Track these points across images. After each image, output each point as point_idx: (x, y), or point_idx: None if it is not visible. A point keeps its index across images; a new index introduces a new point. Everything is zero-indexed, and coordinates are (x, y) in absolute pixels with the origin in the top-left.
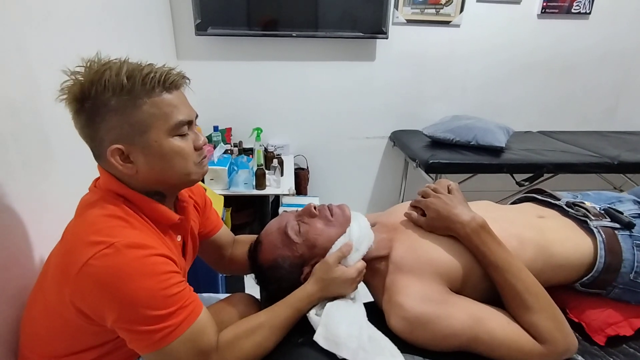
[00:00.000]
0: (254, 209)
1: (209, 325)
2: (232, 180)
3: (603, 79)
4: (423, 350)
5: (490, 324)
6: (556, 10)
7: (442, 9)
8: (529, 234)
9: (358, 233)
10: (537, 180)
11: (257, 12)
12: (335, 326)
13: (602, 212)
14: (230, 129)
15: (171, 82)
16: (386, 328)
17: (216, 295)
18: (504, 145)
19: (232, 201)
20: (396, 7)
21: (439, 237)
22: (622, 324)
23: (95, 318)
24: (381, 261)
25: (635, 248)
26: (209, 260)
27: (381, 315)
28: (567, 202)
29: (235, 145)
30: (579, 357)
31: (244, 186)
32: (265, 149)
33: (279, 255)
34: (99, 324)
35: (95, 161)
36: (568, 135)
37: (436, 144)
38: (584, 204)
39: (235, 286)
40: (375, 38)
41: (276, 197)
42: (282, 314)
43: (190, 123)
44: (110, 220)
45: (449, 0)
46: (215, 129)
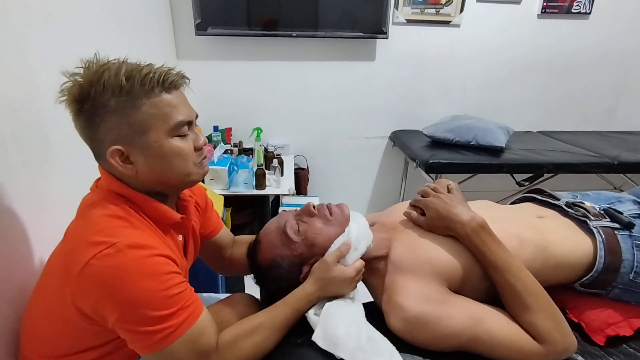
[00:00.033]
0: (254, 209)
1: (209, 326)
2: (232, 180)
3: (603, 79)
4: (423, 350)
5: (489, 324)
6: (556, 10)
7: (442, 9)
8: (529, 234)
9: (357, 232)
10: (537, 180)
11: (257, 12)
12: (334, 326)
13: (602, 212)
14: (230, 129)
15: (170, 82)
16: (386, 328)
17: (216, 295)
18: (504, 145)
19: (232, 201)
20: (396, 7)
21: (438, 237)
22: (622, 324)
23: (96, 318)
24: (380, 261)
25: (635, 248)
26: (209, 261)
27: (381, 315)
28: (567, 202)
29: (235, 145)
30: (579, 357)
31: (244, 186)
32: (265, 149)
33: (278, 254)
34: (99, 324)
35: (96, 162)
36: (568, 135)
37: (436, 144)
38: (583, 204)
39: (235, 286)
40: (375, 38)
41: (276, 197)
42: (281, 314)
43: (190, 123)
44: (111, 220)
45: (449, 0)
46: (215, 129)
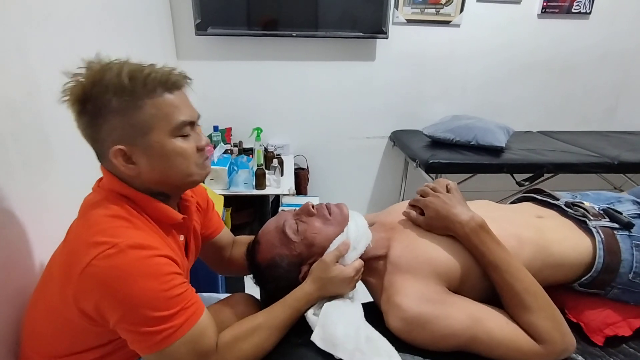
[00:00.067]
0: (254, 209)
1: (209, 327)
2: (232, 180)
3: (603, 79)
4: (422, 350)
5: (488, 324)
6: (556, 10)
7: (442, 8)
8: (528, 234)
9: (356, 232)
10: (537, 180)
11: (257, 12)
12: (332, 327)
13: (601, 212)
14: (230, 128)
15: (173, 83)
16: (385, 328)
17: (216, 295)
18: (504, 145)
19: (232, 201)
20: (396, 7)
21: (437, 237)
22: (621, 324)
23: (98, 318)
24: (379, 260)
25: (634, 248)
26: (209, 261)
27: (380, 314)
28: (566, 202)
29: (235, 145)
30: (579, 357)
31: (244, 186)
32: (265, 149)
33: (277, 254)
34: (101, 325)
35: (98, 162)
36: (568, 135)
37: (436, 143)
38: (582, 204)
39: (235, 286)
40: (375, 38)
41: (276, 197)
42: (281, 314)
43: (192, 124)
44: (113, 220)
45: (449, 0)
46: (215, 129)
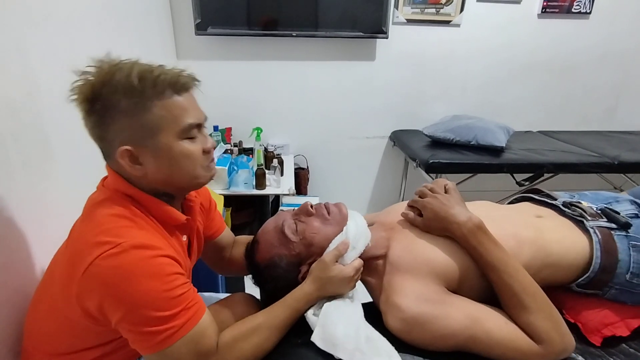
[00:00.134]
0: (254, 208)
1: (210, 327)
2: (232, 180)
3: (603, 79)
4: (422, 350)
5: (487, 324)
6: (556, 10)
7: (442, 8)
8: (527, 234)
9: (355, 231)
10: (538, 180)
11: (257, 12)
12: (332, 327)
13: (599, 212)
14: (230, 128)
15: (182, 85)
16: (384, 327)
17: (217, 295)
18: (504, 145)
19: (232, 201)
20: (396, 7)
21: (436, 237)
22: (619, 324)
23: (100, 318)
24: (379, 260)
25: (631, 249)
26: (209, 261)
27: (380, 314)
28: (564, 202)
29: (235, 145)
30: (579, 357)
31: (244, 186)
32: (265, 149)
33: (276, 254)
34: (103, 324)
35: (104, 160)
36: (568, 135)
37: (436, 143)
38: (580, 203)
39: (235, 286)
40: (375, 38)
41: (276, 197)
42: (281, 314)
43: (199, 126)
44: (117, 220)
45: (449, 0)
46: (215, 128)
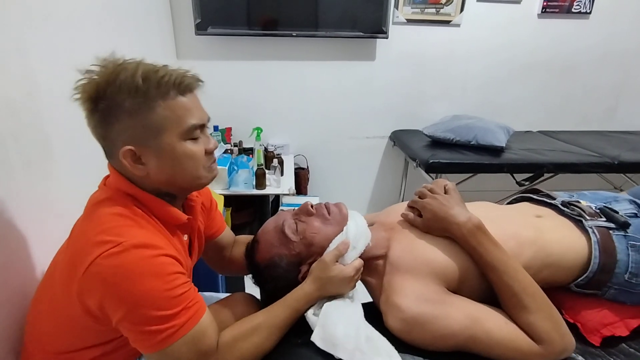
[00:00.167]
0: (254, 208)
1: (210, 327)
2: (232, 180)
3: (603, 79)
4: (422, 350)
5: (487, 324)
6: (556, 10)
7: (442, 8)
8: (527, 234)
9: (355, 231)
10: (538, 180)
11: (257, 12)
12: (332, 327)
13: (598, 212)
14: (230, 128)
15: (186, 85)
16: (385, 327)
17: (217, 294)
18: (504, 145)
19: (232, 201)
20: (396, 7)
21: (436, 238)
22: (618, 324)
23: (101, 316)
24: (379, 260)
25: (629, 249)
26: (209, 260)
27: (380, 314)
28: (563, 202)
29: (235, 145)
30: (579, 357)
31: (244, 186)
32: (265, 149)
33: (276, 253)
34: (104, 323)
35: (107, 159)
36: (568, 135)
37: (436, 143)
38: (579, 203)
39: (235, 285)
40: (376, 38)
41: (276, 197)
42: (281, 314)
43: (202, 126)
44: (118, 219)
45: (449, 0)
46: (215, 128)
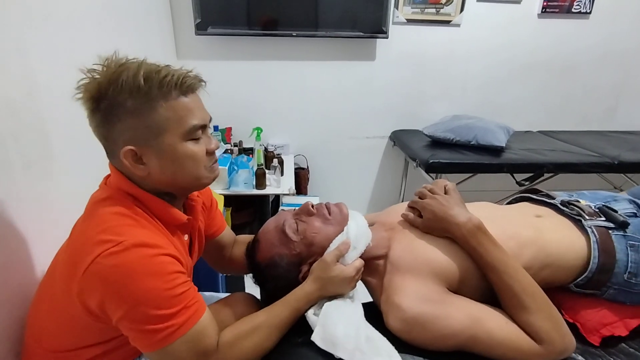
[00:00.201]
0: (254, 208)
1: (210, 326)
2: (232, 179)
3: (603, 79)
4: (423, 350)
5: (488, 324)
6: (556, 10)
7: (443, 8)
8: (527, 234)
9: (355, 231)
10: (538, 180)
11: (257, 12)
12: (333, 327)
13: (597, 211)
14: (230, 128)
15: (188, 86)
16: (385, 327)
17: (217, 294)
18: (504, 145)
19: (232, 201)
20: (396, 7)
21: (436, 238)
22: (617, 324)
23: (101, 315)
24: (379, 260)
25: (629, 248)
26: (209, 259)
27: (380, 314)
28: (562, 201)
29: (235, 145)
30: (579, 357)
31: (244, 186)
32: (265, 149)
33: (277, 253)
34: (104, 321)
35: (108, 159)
36: (568, 135)
37: (436, 143)
38: (578, 202)
39: (235, 285)
40: (376, 38)
41: (276, 197)
42: (281, 313)
43: (204, 127)
44: (119, 218)
45: (449, 0)
46: (215, 128)
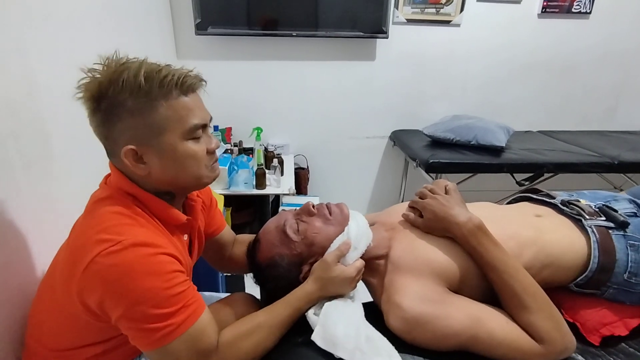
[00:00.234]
0: (254, 208)
1: (209, 326)
2: (232, 179)
3: (603, 79)
4: (423, 350)
5: (489, 323)
6: (556, 10)
7: (443, 8)
8: (527, 234)
9: (356, 231)
10: (538, 180)
11: (257, 12)
12: (333, 326)
13: (597, 211)
14: (230, 128)
15: (188, 85)
16: (385, 327)
17: (217, 294)
18: (504, 145)
19: (232, 201)
20: (396, 7)
21: (436, 238)
22: (617, 324)
23: (101, 314)
24: (380, 260)
25: (629, 248)
26: (210, 259)
27: (380, 314)
28: (562, 201)
29: (235, 145)
30: (579, 357)
31: (244, 186)
32: (266, 149)
33: (277, 253)
34: (104, 320)
35: (108, 158)
36: (568, 135)
37: (436, 143)
38: (579, 202)
39: (235, 285)
40: (376, 38)
41: (276, 197)
42: (282, 313)
43: (204, 126)
44: (118, 218)
45: (449, 0)
46: (215, 128)
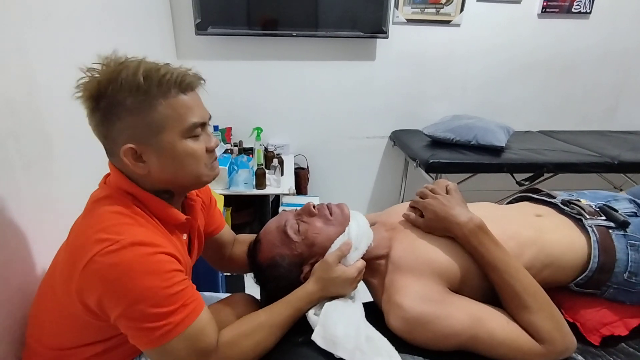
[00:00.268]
0: (254, 208)
1: (209, 325)
2: (232, 179)
3: (603, 79)
4: (423, 350)
5: (489, 323)
6: (556, 10)
7: (443, 8)
8: (528, 234)
9: (357, 232)
10: (538, 180)
11: (257, 12)
12: (333, 326)
13: (597, 210)
14: (230, 128)
15: (187, 84)
16: (385, 327)
17: (217, 294)
18: (504, 145)
19: (232, 201)
20: (396, 7)
21: (437, 238)
22: (617, 323)
23: (100, 313)
24: (381, 260)
25: (629, 248)
26: (209, 258)
27: (381, 314)
28: (563, 200)
29: (235, 145)
30: (579, 357)
31: (244, 186)
32: (266, 149)
33: (278, 253)
34: (104, 320)
35: (107, 158)
36: (568, 135)
37: (436, 143)
38: (579, 201)
39: (235, 285)
40: (376, 38)
41: (276, 197)
42: (282, 313)
43: (203, 125)
44: (117, 217)
45: (449, 0)
46: (215, 128)
